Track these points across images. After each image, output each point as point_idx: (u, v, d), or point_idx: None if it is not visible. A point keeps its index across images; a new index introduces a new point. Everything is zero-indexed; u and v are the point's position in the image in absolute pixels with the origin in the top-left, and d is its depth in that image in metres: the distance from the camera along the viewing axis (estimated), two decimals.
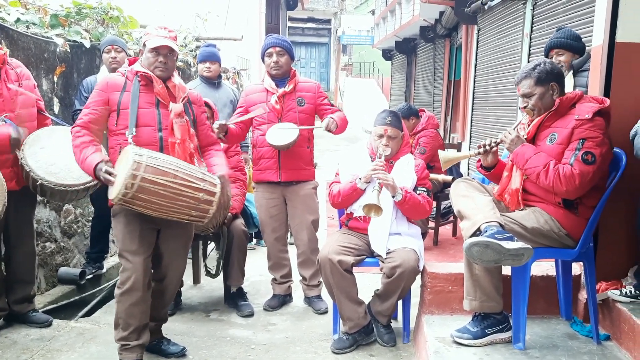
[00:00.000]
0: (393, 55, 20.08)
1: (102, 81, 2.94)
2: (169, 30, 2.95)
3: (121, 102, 2.86)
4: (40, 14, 4.44)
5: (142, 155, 2.63)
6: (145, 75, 2.89)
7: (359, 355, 3.18)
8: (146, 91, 2.90)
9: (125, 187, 2.57)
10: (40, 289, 4.05)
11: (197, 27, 8.15)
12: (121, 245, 2.87)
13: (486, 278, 2.81)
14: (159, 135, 2.88)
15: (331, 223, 5.98)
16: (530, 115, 2.83)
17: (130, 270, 2.84)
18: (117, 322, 2.92)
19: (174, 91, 2.96)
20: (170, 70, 2.94)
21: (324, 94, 3.90)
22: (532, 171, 2.70)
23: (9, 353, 3.12)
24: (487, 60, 8.67)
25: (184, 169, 2.74)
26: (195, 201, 2.74)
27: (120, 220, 2.86)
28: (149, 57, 2.88)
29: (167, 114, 2.90)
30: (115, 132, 2.88)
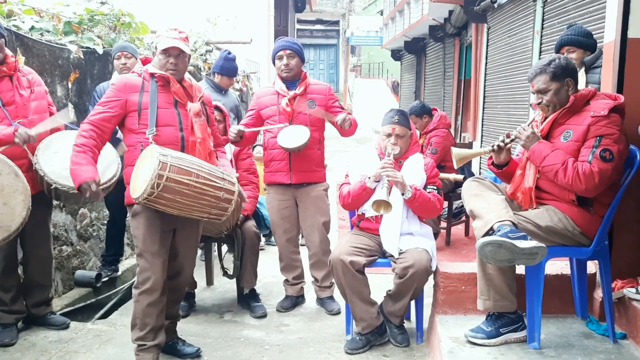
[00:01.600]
0: (402, 55, 20.05)
1: (120, 82, 2.95)
2: (180, 32, 2.97)
3: (141, 102, 2.88)
4: (54, 22, 4.50)
5: (167, 155, 2.67)
6: (162, 76, 2.92)
7: (372, 356, 3.18)
8: (164, 91, 2.94)
9: (152, 187, 2.60)
10: (57, 292, 4.10)
11: (206, 32, 8.21)
12: (142, 246, 2.89)
13: (500, 277, 2.80)
14: (181, 135, 2.92)
15: (342, 224, 5.99)
16: (544, 111, 2.80)
17: (150, 271, 2.88)
18: (134, 323, 2.95)
19: (190, 91, 3.00)
20: (182, 71, 2.97)
21: (334, 97, 3.91)
22: (549, 169, 2.68)
23: (28, 355, 3.17)
24: (497, 59, 8.63)
25: (206, 169, 2.79)
26: (216, 200, 2.79)
27: (141, 221, 2.88)
28: (160, 58, 2.92)
29: (185, 113, 2.94)
30: (136, 132, 2.90)
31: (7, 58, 3.21)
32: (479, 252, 2.60)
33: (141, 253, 2.90)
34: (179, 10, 9.76)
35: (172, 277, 3.10)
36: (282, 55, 3.74)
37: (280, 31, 14.72)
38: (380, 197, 3.02)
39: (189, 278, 3.22)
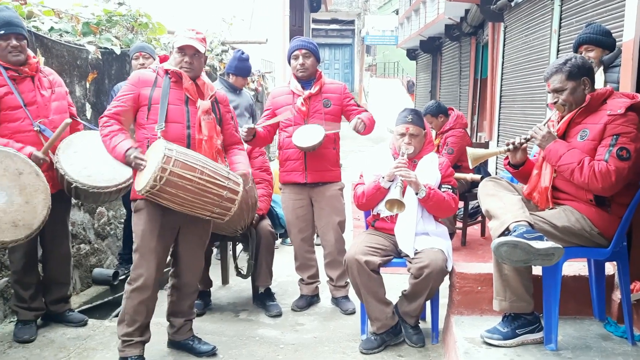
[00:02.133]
0: (418, 54, 19.96)
1: (134, 76, 3.01)
2: (197, 32, 3.00)
3: (152, 97, 2.92)
4: (73, 23, 4.56)
5: (172, 149, 2.69)
6: (176, 72, 2.95)
7: (387, 356, 3.18)
8: (176, 88, 2.96)
9: (154, 180, 2.62)
10: (75, 290, 4.16)
11: (222, 32, 8.25)
12: (139, 242, 2.91)
13: (516, 278, 2.78)
14: (187, 132, 2.94)
15: (357, 224, 5.99)
16: (560, 111, 2.78)
17: (143, 268, 2.90)
18: (122, 318, 2.96)
19: (202, 89, 3.03)
20: (197, 70, 3.00)
21: (350, 95, 3.91)
22: (565, 168, 2.66)
23: (47, 351, 3.22)
24: (514, 58, 8.56)
25: (211, 166, 2.80)
26: (219, 198, 2.80)
27: (142, 217, 2.91)
28: (176, 56, 2.96)
29: (195, 111, 2.96)
30: (144, 126, 2.93)
31: (29, 59, 3.26)
32: (494, 252, 2.58)
33: (137, 249, 2.92)
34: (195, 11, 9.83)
35: (177, 276, 3.14)
36: (297, 54, 3.75)
37: (296, 31, 14.76)
38: (393, 196, 3.02)
39: (195, 277, 3.19)
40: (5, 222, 2.64)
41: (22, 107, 3.19)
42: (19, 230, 2.70)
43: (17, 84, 3.20)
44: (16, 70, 3.20)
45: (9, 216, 2.66)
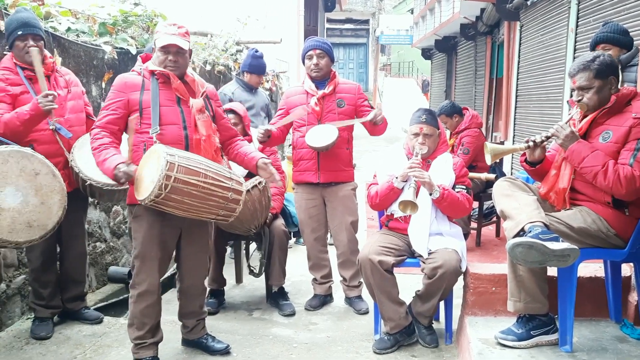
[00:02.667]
0: (433, 54, 19.87)
1: (120, 81, 2.89)
2: (179, 27, 2.89)
3: (142, 101, 2.82)
4: (90, 23, 4.60)
5: (174, 155, 2.61)
6: (162, 73, 2.85)
7: (400, 356, 3.17)
8: (165, 88, 2.87)
9: (159, 189, 2.54)
10: (91, 288, 4.20)
11: (237, 31, 8.28)
12: (140, 249, 2.87)
13: (531, 279, 2.76)
14: (185, 133, 2.86)
15: (371, 224, 5.98)
16: (583, 109, 2.71)
17: (146, 274, 2.88)
18: (131, 322, 2.95)
19: (193, 86, 2.94)
20: (182, 68, 2.89)
21: (364, 96, 3.90)
22: (588, 170, 2.61)
23: (64, 348, 3.26)
24: (530, 57, 8.49)
25: (213, 169, 2.74)
26: (224, 200, 2.75)
27: (142, 224, 2.86)
28: (159, 55, 2.85)
29: (188, 110, 2.88)
30: (139, 131, 2.84)
31: (45, 59, 3.31)
32: (509, 253, 2.56)
33: (138, 255, 2.88)
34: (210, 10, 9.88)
35: (181, 280, 3.14)
36: (312, 54, 3.75)
37: (310, 30, 14.77)
38: (406, 197, 3.01)
39: (199, 279, 3.17)
40: (20, 223, 2.66)
41: None
42: (33, 230, 2.72)
43: (33, 84, 3.25)
44: (33, 70, 3.24)
45: (23, 217, 2.67)
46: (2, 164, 2.63)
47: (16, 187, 2.67)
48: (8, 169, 2.65)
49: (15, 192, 2.67)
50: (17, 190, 2.68)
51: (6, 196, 2.62)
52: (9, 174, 2.65)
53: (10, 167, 2.66)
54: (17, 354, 3.17)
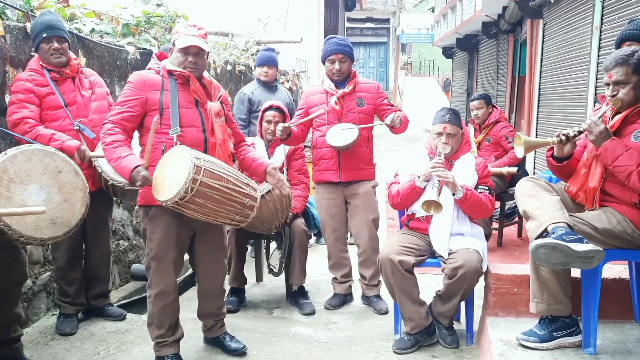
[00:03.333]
0: (454, 52, 19.71)
1: (138, 79, 2.85)
2: (199, 28, 2.88)
3: (163, 101, 2.80)
4: (113, 24, 4.67)
5: (200, 158, 2.62)
6: (182, 74, 2.84)
7: (420, 356, 3.16)
8: (183, 90, 2.85)
9: (185, 191, 2.55)
10: (114, 285, 4.26)
11: (257, 32, 8.33)
12: (156, 250, 2.87)
13: (554, 280, 2.73)
14: (204, 137, 2.86)
15: (391, 224, 5.96)
16: (616, 105, 2.64)
17: (162, 275, 2.90)
18: (151, 321, 2.98)
19: (210, 89, 2.94)
20: (201, 69, 2.89)
21: (383, 95, 3.89)
22: (622, 170, 2.54)
23: (88, 344, 3.32)
24: (553, 56, 8.37)
25: (233, 174, 2.76)
26: (241, 206, 2.77)
27: (159, 225, 2.86)
28: (179, 56, 2.83)
29: (206, 113, 2.87)
30: (156, 131, 2.77)
31: (70, 60, 3.37)
32: (532, 254, 2.53)
33: (154, 257, 2.89)
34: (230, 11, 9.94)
35: (198, 282, 3.16)
36: (333, 59, 3.72)
37: (330, 30, 14.77)
38: (430, 197, 2.99)
39: (216, 281, 3.17)
40: (44, 220, 2.70)
41: (63, 107, 3.30)
42: (57, 227, 2.76)
43: (58, 85, 3.31)
44: (58, 72, 3.31)
45: (48, 214, 2.71)
46: (26, 162, 2.67)
47: (40, 184, 2.72)
48: (32, 167, 2.70)
49: (39, 190, 2.71)
50: (41, 188, 2.72)
51: (30, 194, 2.67)
52: (33, 172, 2.70)
53: (33, 165, 2.71)
54: (42, 349, 3.24)
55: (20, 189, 2.64)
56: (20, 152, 2.67)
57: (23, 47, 3.44)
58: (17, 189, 2.62)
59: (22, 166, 2.65)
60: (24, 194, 2.65)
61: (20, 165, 2.65)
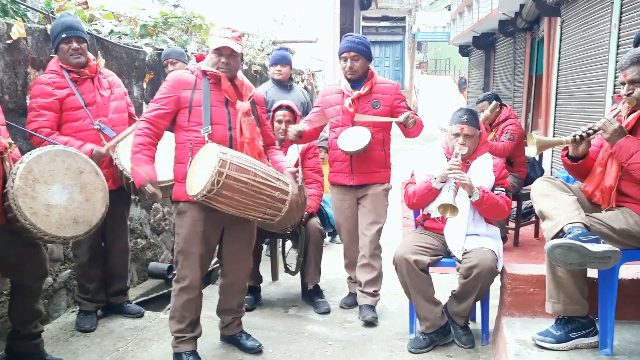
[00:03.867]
0: (470, 51, 19.59)
1: (173, 78, 2.98)
2: (233, 31, 2.97)
3: (193, 99, 2.90)
4: (131, 25, 4.72)
5: (226, 153, 2.72)
6: (214, 74, 2.94)
7: (436, 356, 3.17)
8: (216, 89, 2.95)
9: (212, 184, 2.65)
10: (132, 282, 4.33)
11: (273, 31, 8.37)
12: (183, 244, 2.95)
13: (570, 280, 2.71)
14: (229, 134, 2.93)
15: (406, 223, 5.96)
16: (631, 104, 2.62)
17: (188, 269, 2.96)
18: (172, 315, 3.03)
19: (241, 89, 3.02)
20: (234, 70, 2.98)
21: (401, 96, 3.74)
22: (636, 167, 2.53)
23: (107, 340, 3.38)
24: (571, 54, 8.29)
25: (262, 168, 2.82)
26: (271, 199, 2.82)
27: (186, 220, 2.94)
28: (213, 57, 2.94)
29: (235, 112, 2.95)
30: (185, 129, 2.91)
31: (89, 61, 3.42)
32: (547, 254, 2.52)
33: (181, 251, 2.97)
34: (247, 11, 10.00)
35: (224, 276, 3.20)
36: (346, 57, 3.63)
37: (346, 29, 14.76)
38: (446, 200, 2.98)
39: (241, 277, 3.22)
40: (67, 219, 2.76)
41: (83, 107, 3.35)
42: (79, 226, 2.82)
43: (78, 86, 3.37)
44: (77, 73, 3.36)
45: (70, 213, 2.78)
46: (49, 163, 2.74)
47: (62, 184, 2.78)
48: (55, 168, 2.76)
49: (62, 190, 2.78)
50: (64, 188, 2.78)
51: (54, 193, 2.73)
52: (56, 172, 2.76)
53: (56, 165, 2.77)
54: (63, 345, 3.30)
55: (45, 188, 2.70)
56: (45, 153, 2.74)
57: (44, 49, 3.51)
58: (41, 188, 2.69)
59: (46, 166, 2.72)
60: (48, 194, 2.71)
61: (44, 165, 2.71)
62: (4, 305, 3.14)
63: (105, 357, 3.18)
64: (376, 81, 3.69)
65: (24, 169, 2.62)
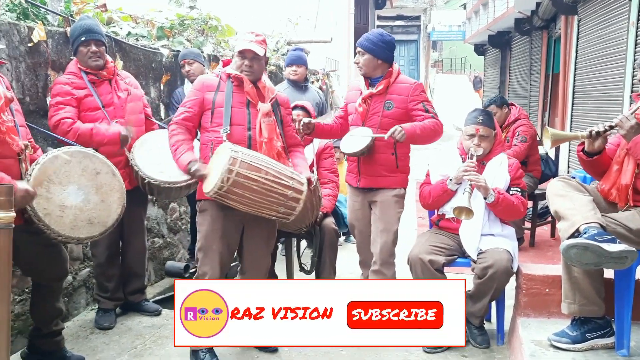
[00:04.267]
0: (486, 49, 19.46)
1: (199, 81, 3.14)
2: (256, 35, 3.08)
3: (215, 101, 3.03)
4: (148, 27, 4.78)
5: (237, 151, 2.78)
6: (237, 76, 3.04)
7: (451, 356, 3.17)
8: (238, 91, 3.05)
9: (222, 181, 2.72)
10: (150, 281, 4.38)
11: (288, 32, 8.38)
12: (203, 241, 3.04)
13: (586, 281, 2.70)
14: (248, 134, 3.02)
15: (421, 223, 5.95)
16: None
17: (208, 266, 3.02)
18: None
19: (263, 92, 3.09)
20: (257, 73, 3.06)
21: (419, 98, 3.44)
22: None
23: (125, 338, 3.44)
24: (588, 52, 8.21)
25: (275, 167, 2.86)
26: (284, 198, 2.85)
27: (206, 218, 3.03)
28: (237, 60, 3.05)
29: (256, 113, 3.03)
30: (208, 129, 3.04)
31: (107, 63, 3.48)
32: (563, 254, 2.52)
33: (201, 248, 3.05)
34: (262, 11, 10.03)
35: (242, 273, 3.23)
36: (358, 51, 3.53)
37: (361, 29, 14.74)
38: (461, 203, 2.98)
39: (260, 274, 3.24)
40: (82, 220, 2.80)
41: (100, 108, 3.40)
42: (94, 227, 2.86)
43: (96, 87, 3.42)
44: (95, 74, 3.42)
45: (85, 214, 2.81)
46: (65, 164, 2.77)
47: (78, 185, 2.81)
48: (71, 169, 2.80)
49: (78, 191, 2.81)
50: (79, 189, 2.81)
51: (69, 194, 2.77)
52: (72, 174, 2.80)
53: (72, 166, 2.81)
54: (83, 343, 3.36)
55: (59, 189, 2.74)
56: (61, 154, 2.77)
57: (64, 51, 3.57)
58: (56, 189, 2.72)
59: (61, 168, 2.76)
60: (63, 195, 2.75)
61: (59, 166, 2.75)
62: (25, 303, 3.21)
63: (124, 354, 3.23)
64: (394, 80, 3.48)
65: (38, 170, 2.67)
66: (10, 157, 2.64)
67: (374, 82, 3.52)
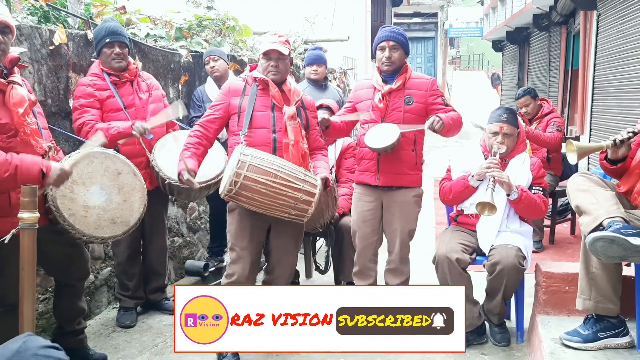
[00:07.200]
0: (504, 46, 19.29)
1: (226, 86, 3.22)
2: (279, 36, 3.12)
3: (241, 105, 3.08)
4: (167, 28, 4.82)
5: (247, 155, 2.82)
6: (263, 80, 3.08)
7: (471, 354, 3.16)
8: (263, 95, 3.09)
9: (230, 184, 2.78)
10: (170, 280, 4.43)
11: (305, 31, 8.40)
12: (233, 240, 3.11)
13: (604, 277, 2.67)
14: (273, 137, 3.05)
15: (439, 220, 5.93)
16: None
17: (238, 264, 3.07)
18: None
19: (288, 95, 3.12)
20: (283, 73, 3.10)
21: (437, 92, 3.45)
22: None
23: (146, 336, 3.49)
24: (608, 48, 8.09)
25: (286, 170, 2.86)
26: (294, 201, 2.86)
27: (235, 217, 3.09)
28: (262, 62, 3.09)
29: (281, 116, 3.06)
30: (235, 133, 3.09)
31: (129, 65, 3.53)
32: (589, 247, 2.49)
33: (232, 247, 3.11)
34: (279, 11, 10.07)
35: (269, 272, 3.26)
36: (384, 46, 3.38)
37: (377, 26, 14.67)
38: (485, 199, 2.97)
39: (286, 272, 3.26)
40: (105, 220, 2.85)
41: (122, 109, 3.45)
42: (117, 227, 2.91)
43: (118, 88, 3.47)
44: (117, 76, 3.47)
45: (108, 214, 2.86)
46: (88, 165, 2.83)
47: (101, 186, 2.86)
48: (93, 169, 2.85)
49: (100, 191, 2.86)
50: (102, 189, 2.87)
51: (92, 195, 2.82)
52: (94, 174, 2.85)
53: (95, 167, 2.86)
54: (105, 341, 3.42)
55: (83, 190, 2.79)
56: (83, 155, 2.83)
57: (84, 54, 3.63)
58: (79, 190, 2.78)
59: (84, 168, 2.81)
60: (86, 195, 2.80)
61: (82, 167, 2.80)
62: (48, 302, 3.27)
63: (145, 352, 3.28)
64: (410, 76, 3.45)
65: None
66: None
67: (390, 78, 3.45)
